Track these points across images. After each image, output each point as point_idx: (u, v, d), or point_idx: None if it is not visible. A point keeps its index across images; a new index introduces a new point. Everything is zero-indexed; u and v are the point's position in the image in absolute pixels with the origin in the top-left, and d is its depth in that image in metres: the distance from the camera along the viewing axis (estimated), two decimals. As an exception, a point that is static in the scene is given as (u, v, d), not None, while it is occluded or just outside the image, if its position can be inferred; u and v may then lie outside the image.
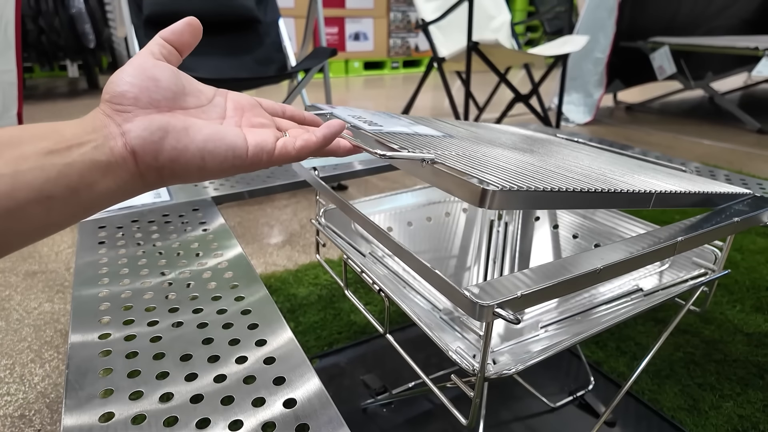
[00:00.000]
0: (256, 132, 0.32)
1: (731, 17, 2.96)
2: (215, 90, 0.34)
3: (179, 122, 0.30)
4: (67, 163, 0.26)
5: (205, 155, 0.30)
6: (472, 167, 0.37)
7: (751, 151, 2.04)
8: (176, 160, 0.29)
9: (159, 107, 0.30)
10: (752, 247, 1.16)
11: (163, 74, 0.30)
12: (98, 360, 0.40)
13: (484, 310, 0.33)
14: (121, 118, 0.29)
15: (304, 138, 0.33)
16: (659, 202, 0.45)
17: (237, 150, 0.31)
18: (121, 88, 0.29)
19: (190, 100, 0.32)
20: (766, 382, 0.74)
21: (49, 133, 0.26)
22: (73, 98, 3.08)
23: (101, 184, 0.27)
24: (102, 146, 0.27)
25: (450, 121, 0.73)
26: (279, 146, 0.32)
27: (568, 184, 0.39)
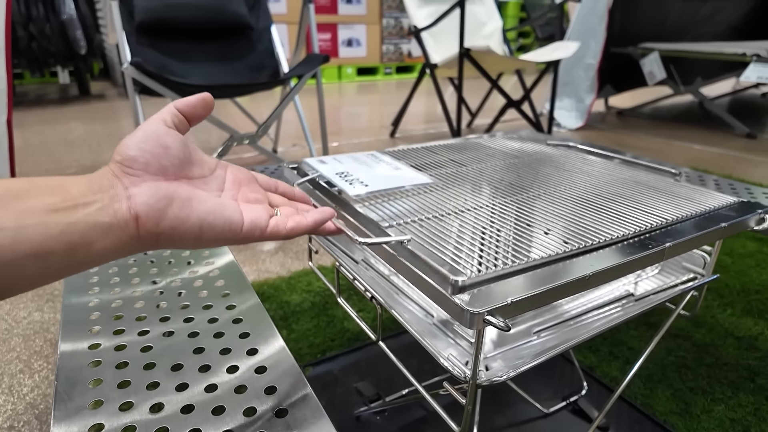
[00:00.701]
0: (251, 208, 0.34)
1: (719, 24, 3.00)
2: (217, 162, 0.36)
3: (184, 192, 0.31)
4: (70, 222, 0.27)
5: (204, 226, 0.31)
6: (445, 251, 0.40)
7: (740, 155, 2.07)
8: (176, 228, 0.30)
9: (166, 174, 0.31)
10: (742, 251, 1.17)
11: (173, 143, 0.32)
12: (88, 370, 0.40)
13: (475, 317, 0.33)
14: (129, 181, 0.30)
15: (296, 220, 0.35)
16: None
17: (233, 225, 0.32)
18: (133, 152, 0.30)
19: (195, 169, 0.33)
20: (757, 386, 0.75)
21: (56, 188, 0.27)
22: (63, 105, 3.07)
23: (100, 243, 0.28)
24: (106, 208, 0.28)
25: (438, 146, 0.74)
26: (271, 225, 0.34)
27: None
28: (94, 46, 3.05)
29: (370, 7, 4.19)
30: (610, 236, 0.44)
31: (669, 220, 0.48)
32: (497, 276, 0.37)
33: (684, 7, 2.75)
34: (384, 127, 2.56)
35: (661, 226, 0.47)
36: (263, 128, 1.48)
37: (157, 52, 1.53)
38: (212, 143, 2.24)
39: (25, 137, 2.27)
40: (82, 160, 1.93)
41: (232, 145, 1.44)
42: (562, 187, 0.57)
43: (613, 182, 0.60)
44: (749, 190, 0.81)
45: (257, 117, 1.95)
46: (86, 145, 2.15)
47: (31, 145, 2.15)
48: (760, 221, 0.52)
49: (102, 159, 1.95)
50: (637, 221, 0.48)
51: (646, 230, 0.46)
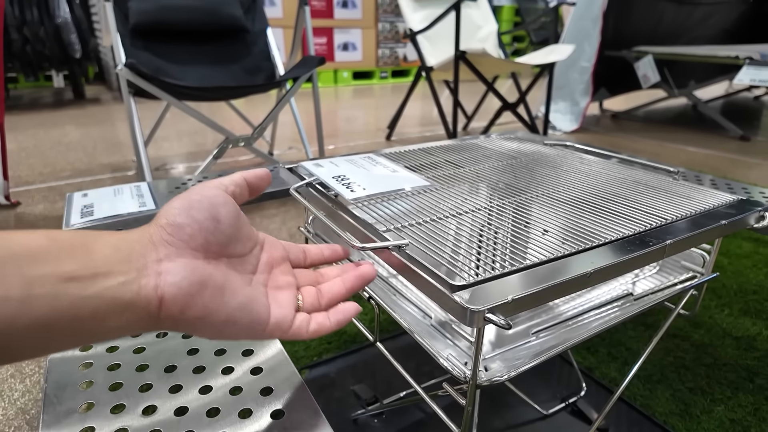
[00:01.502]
0: (279, 301, 0.32)
1: (712, 27, 3.03)
2: (257, 237, 0.34)
3: (220, 278, 0.28)
4: (84, 296, 0.24)
5: (229, 322, 0.28)
6: (443, 254, 0.40)
7: (734, 157, 2.08)
8: (201, 319, 0.27)
9: (208, 252, 0.28)
10: (739, 252, 1.17)
11: (227, 216, 0.30)
12: (78, 373, 0.39)
13: (475, 315, 0.33)
14: (165, 253, 0.26)
15: (319, 322, 0.33)
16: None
17: (258, 324, 0.30)
18: (182, 219, 0.28)
19: (238, 247, 0.31)
20: (756, 386, 0.75)
21: (78, 251, 0.24)
22: (58, 108, 3.05)
23: (113, 321, 0.25)
24: (130, 283, 0.25)
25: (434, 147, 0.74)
26: (294, 327, 0.32)
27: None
28: (89, 49, 3.04)
29: (366, 11, 4.20)
30: (611, 235, 0.44)
31: (669, 219, 0.48)
32: (497, 275, 0.37)
33: (677, 10, 2.77)
34: (380, 130, 2.56)
35: (661, 225, 0.47)
36: (259, 130, 1.48)
37: (152, 54, 1.52)
38: (207, 145, 2.23)
39: (19, 141, 2.25)
40: (77, 164, 1.92)
41: (228, 147, 1.43)
42: (560, 188, 0.57)
43: (612, 181, 0.59)
44: (746, 190, 0.81)
45: (253, 120, 1.94)
46: (81, 149, 2.13)
47: (25, 148, 2.13)
48: (759, 219, 0.52)
49: (97, 162, 1.94)
50: (637, 220, 0.47)
51: (646, 228, 0.45)
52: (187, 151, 2.15)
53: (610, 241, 0.43)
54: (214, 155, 1.43)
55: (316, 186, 0.56)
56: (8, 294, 0.22)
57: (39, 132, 2.44)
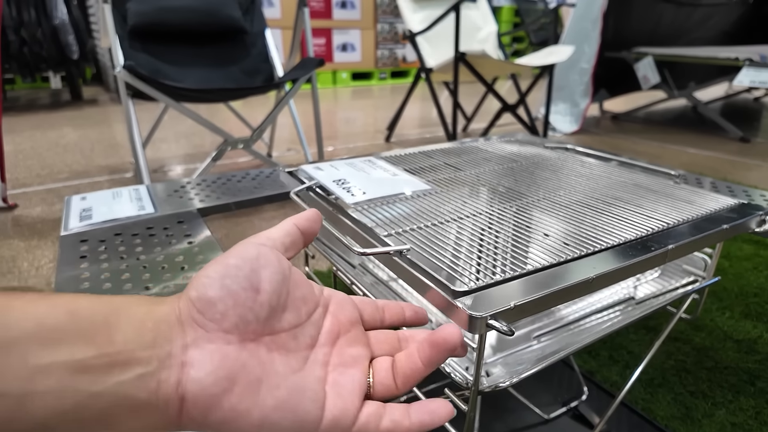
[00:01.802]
0: (340, 389, 0.25)
1: (711, 29, 3.03)
2: (320, 295, 0.28)
3: (255, 368, 0.23)
4: (94, 392, 0.20)
5: (264, 426, 0.23)
6: (444, 259, 0.39)
7: (735, 159, 2.08)
8: (228, 423, 0.22)
9: (244, 332, 0.23)
10: (739, 254, 1.17)
11: (270, 282, 0.24)
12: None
13: (477, 321, 0.32)
14: (192, 337, 0.22)
15: (395, 420, 0.25)
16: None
17: (305, 426, 0.23)
18: (214, 292, 0.23)
19: (287, 317, 0.25)
20: (758, 389, 0.74)
21: (98, 331, 0.21)
22: (55, 110, 3.04)
23: (123, 425, 0.21)
24: (149, 377, 0.21)
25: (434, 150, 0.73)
26: (360, 424, 0.24)
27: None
28: (87, 50, 3.03)
29: (365, 12, 4.20)
30: (612, 240, 0.43)
31: (670, 223, 0.47)
32: (499, 281, 0.37)
33: (677, 12, 2.77)
34: (379, 131, 2.56)
35: (663, 229, 0.46)
36: (258, 132, 1.47)
37: (151, 56, 1.52)
38: (206, 147, 2.22)
39: (16, 143, 2.24)
40: (74, 166, 1.91)
41: (227, 150, 1.43)
42: (561, 191, 0.57)
43: (613, 185, 0.59)
44: (747, 192, 0.81)
45: (252, 122, 1.94)
46: (78, 150, 2.13)
47: (22, 150, 2.13)
48: (761, 223, 0.52)
49: (94, 164, 1.93)
50: (639, 224, 0.47)
51: (647, 233, 0.45)
52: (185, 153, 2.15)
53: (612, 246, 0.43)
54: (213, 157, 1.43)
55: (317, 190, 0.56)
56: (6, 390, 0.18)
57: (36, 134, 2.43)
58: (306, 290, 0.27)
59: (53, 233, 1.32)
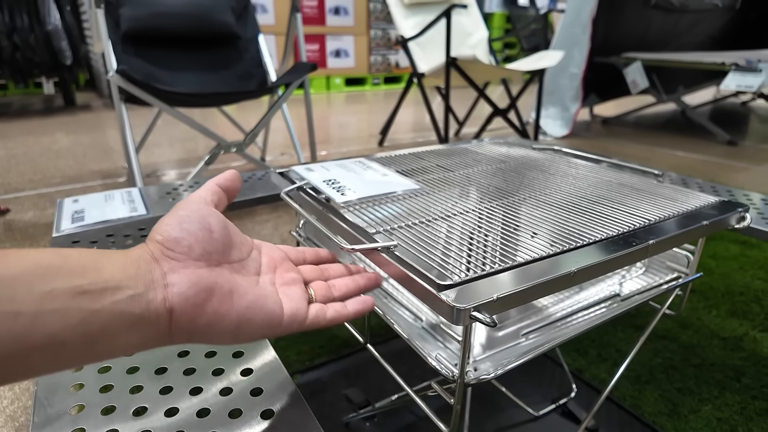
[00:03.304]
0: (290, 295, 0.32)
1: (699, 34, 3.08)
2: (252, 242, 0.35)
3: (225, 282, 0.29)
4: (94, 309, 0.24)
5: (242, 323, 0.29)
6: (431, 255, 0.41)
7: (722, 161, 2.11)
8: (213, 325, 0.28)
9: (209, 260, 0.29)
10: (726, 254, 1.19)
11: (216, 225, 0.30)
12: (69, 375, 0.39)
13: (461, 313, 0.33)
14: (169, 266, 0.27)
15: (336, 310, 0.34)
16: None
17: (273, 320, 0.30)
18: (177, 233, 0.28)
19: (234, 253, 0.32)
20: (743, 385, 0.76)
21: (88, 267, 0.25)
22: (48, 115, 3.03)
23: (123, 338, 0.25)
24: (139, 297, 0.25)
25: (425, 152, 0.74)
26: (311, 316, 0.32)
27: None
28: (80, 56, 3.03)
29: (358, 18, 4.23)
30: (595, 236, 0.44)
31: (652, 220, 0.49)
32: (483, 275, 0.38)
33: (665, 18, 2.82)
34: (372, 136, 2.57)
35: (645, 225, 0.48)
36: (251, 136, 1.48)
37: (144, 60, 1.52)
38: (199, 152, 2.23)
39: (9, 148, 2.24)
40: (67, 170, 1.91)
41: (219, 153, 1.44)
42: (547, 190, 0.58)
43: (598, 184, 0.60)
44: (730, 192, 0.83)
45: (245, 126, 1.95)
46: (71, 156, 2.12)
47: (15, 155, 2.12)
48: (740, 219, 0.53)
49: (87, 169, 1.93)
50: (621, 221, 0.48)
51: (629, 229, 0.46)
52: (178, 157, 2.15)
53: (594, 241, 0.44)
54: (205, 161, 1.44)
55: (307, 190, 0.57)
56: (20, 310, 0.22)
57: (29, 139, 2.42)
58: (242, 237, 0.34)
59: (45, 237, 1.31)
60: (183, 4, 1.57)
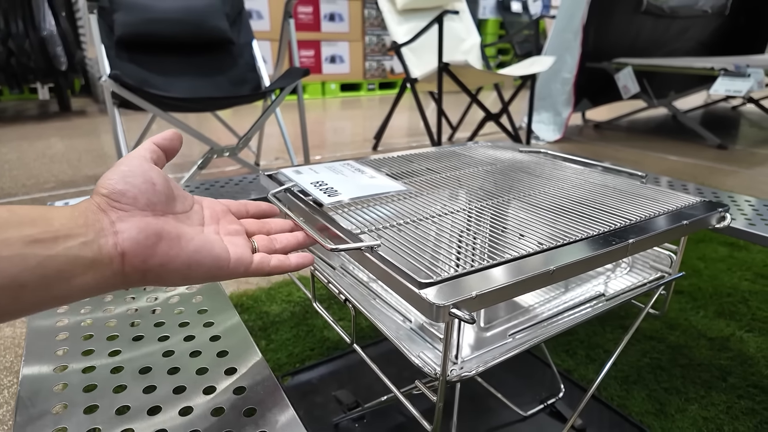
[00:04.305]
0: (234, 243, 0.35)
1: (689, 40, 3.12)
2: (193, 197, 0.37)
3: (173, 229, 0.31)
4: (49, 255, 0.25)
5: (192, 264, 0.31)
6: (413, 254, 0.41)
7: (712, 165, 2.13)
8: (165, 265, 0.30)
9: (155, 210, 0.31)
10: (714, 256, 1.20)
11: (158, 178, 0.32)
12: (53, 376, 0.39)
13: (441, 310, 0.34)
14: (116, 216, 0.29)
15: (279, 259, 0.36)
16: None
17: (221, 262, 0.32)
18: (121, 186, 0.30)
19: (177, 205, 0.33)
20: (729, 385, 0.76)
21: (37, 219, 0.26)
22: (43, 121, 3.03)
23: (79, 279, 0.27)
24: (91, 243, 0.27)
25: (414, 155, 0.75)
26: (256, 261, 0.35)
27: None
28: (76, 62, 3.03)
29: (353, 24, 4.26)
30: (577, 235, 0.45)
31: (633, 219, 0.49)
32: (463, 273, 0.38)
33: (655, 24, 2.85)
34: (367, 140, 2.58)
35: (625, 225, 0.48)
36: (244, 140, 1.49)
37: (138, 66, 1.53)
38: (194, 156, 2.23)
39: (2, 153, 2.23)
40: (61, 176, 1.91)
41: (212, 158, 1.44)
42: (532, 191, 0.59)
43: (582, 186, 0.61)
44: (715, 194, 0.84)
45: (240, 131, 1.95)
46: (65, 161, 2.12)
47: (8, 160, 2.12)
48: (720, 219, 0.54)
49: (81, 174, 1.93)
50: (603, 221, 0.49)
51: (611, 228, 0.47)
52: (173, 162, 2.15)
53: (575, 240, 0.44)
54: (198, 165, 1.44)
55: (295, 192, 0.57)
56: None
57: (23, 144, 2.42)
58: (183, 192, 0.35)
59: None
60: (177, 10, 1.58)
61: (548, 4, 5.67)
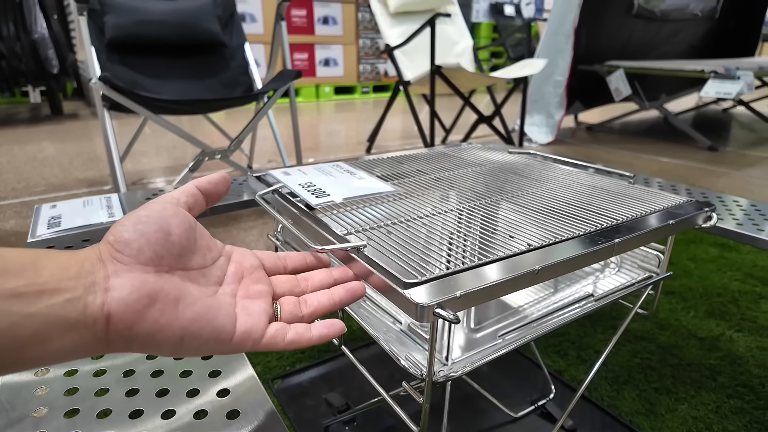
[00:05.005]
0: (249, 310, 0.30)
1: (679, 43, 3.15)
2: (223, 248, 0.32)
3: (172, 290, 0.27)
4: (27, 313, 0.23)
5: (186, 336, 0.27)
6: (399, 255, 0.41)
7: (703, 167, 2.15)
8: (153, 334, 0.26)
9: (159, 265, 0.27)
10: (704, 257, 1.21)
11: (178, 227, 0.28)
12: (33, 379, 0.39)
13: (425, 310, 0.34)
14: (113, 269, 0.26)
15: (299, 332, 0.31)
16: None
17: (221, 336, 0.28)
18: (129, 234, 0.27)
19: (195, 258, 0.30)
20: (719, 384, 0.77)
21: (26, 267, 0.23)
22: (34, 124, 3.01)
23: (57, 342, 0.24)
24: (77, 300, 0.24)
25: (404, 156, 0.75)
26: (268, 336, 0.29)
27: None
28: (68, 65, 3.02)
29: (347, 28, 4.26)
30: (564, 235, 0.45)
31: (620, 219, 0.50)
32: (449, 273, 0.38)
33: (646, 27, 2.87)
34: (361, 143, 2.58)
35: (612, 224, 0.48)
36: (236, 143, 1.48)
37: (128, 68, 1.52)
38: (186, 159, 2.22)
39: (-8, 157, 2.22)
40: (52, 179, 1.89)
41: (204, 160, 1.43)
42: (520, 192, 0.59)
43: (570, 186, 0.61)
44: (704, 194, 0.84)
45: (233, 134, 1.95)
46: (56, 164, 2.11)
47: (-3, 164, 2.10)
48: (707, 219, 0.54)
49: (72, 177, 1.92)
50: (590, 220, 0.49)
51: (597, 228, 0.47)
52: (165, 165, 2.14)
53: (561, 240, 0.44)
54: (189, 168, 1.43)
55: (283, 193, 0.57)
56: None
57: (14, 148, 2.40)
58: (210, 241, 0.31)
59: (24, 245, 1.30)
60: (168, 13, 1.58)
61: (541, 8, 5.70)
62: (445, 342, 0.48)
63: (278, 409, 0.71)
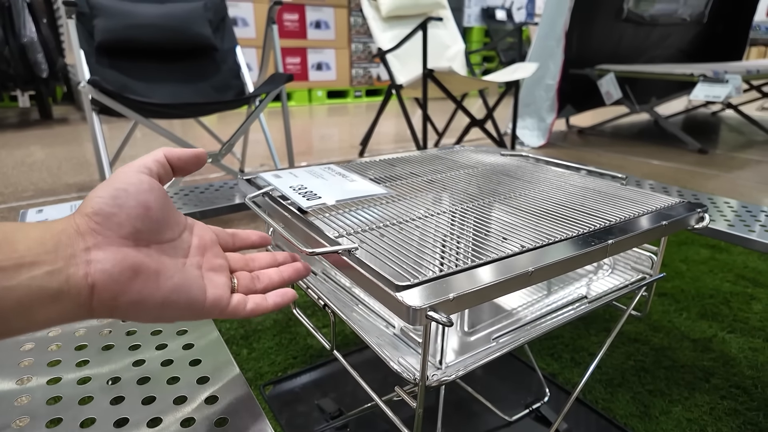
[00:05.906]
0: (214, 282, 0.32)
1: (669, 47, 3.18)
2: (185, 221, 0.34)
3: (152, 264, 0.28)
4: (7, 286, 0.23)
5: (166, 305, 0.29)
6: (391, 257, 0.40)
7: (693, 169, 2.17)
8: (137, 304, 0.27)
9: (138, 240, 0.28)
10: (696, 258, 1.21)
11: (156, 202, 0.29)
12: (15, 388, 0.38)
13: (417, 312, 0.33)
14: (93, 242, 0.26)
15: (256, 302, 0.34)
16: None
17: (195, 304, 0.30)
18: (109, 208, 0.27)
19: (167, 233, 0.31)
20: (712, 386, 0.77)
21: (1, 244, 0.23)
22: (23, 129, 2.98)
23: (41, 313, 0.24)
24: (58, 272, 0.24)
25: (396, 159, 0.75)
26: (232, 304, 0.32)
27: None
28: (57, 69, 2.99)
29: (339, 32, 4.27)
30: (557, 236, 0.45)
31: (612, 220, 0.49)
32: (441, 275, 0.38)
33: (636, 31, 2.90)
34: (353, 147, 2.58)
35: (605, 226, 0.48)
36: (227, 146, 1.47)
37: (118, 72, 1.51)
38: (178, 165, 2.20)
39: (-21, 162, 2.18)
40: (40, 183, 1.87)
41: (195, 165, 1.42)
42: (512, 194, 0.59)
43: (563, 188, 0.61)
44: (695, 196, 0.84)
45: (225, 138, 1.94)
46: (45, 169, 2.08)
47: (-15, 169, 2.07)
48: (699, 220, 0.54)
49: (62, 182, 1.89)
50: (583, 222, 0.49)
51: (590, 230, 0.47)
52: (156, 169, 2.12)
53: (554, 241, 0.44)
54: (181, 172, 1.42)
55: (274, 196, 0.56)
56: None
57: (1, 152, 2.37)
58: (177, 215, 0.33)
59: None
60: (159, 16, 1.57)
61: (532, 12, 5.75)
62: (438, 345, 0.47)
63: (269, 416, 0.70)
